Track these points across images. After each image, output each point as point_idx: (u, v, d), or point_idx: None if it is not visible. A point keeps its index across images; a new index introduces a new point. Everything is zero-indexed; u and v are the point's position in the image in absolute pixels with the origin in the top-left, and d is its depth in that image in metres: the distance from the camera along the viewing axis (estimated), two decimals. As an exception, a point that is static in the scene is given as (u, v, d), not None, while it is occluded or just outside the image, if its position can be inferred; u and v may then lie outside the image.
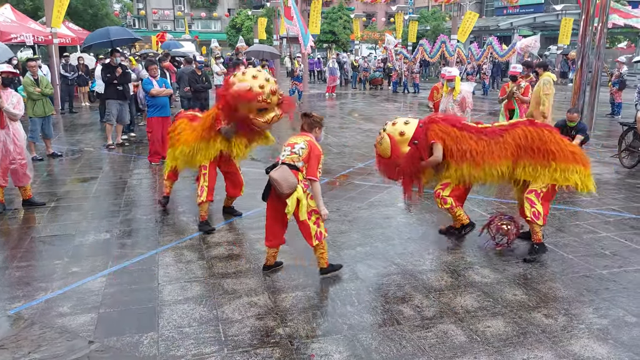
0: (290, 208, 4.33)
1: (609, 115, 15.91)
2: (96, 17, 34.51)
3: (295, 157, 4.45)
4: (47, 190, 7.52)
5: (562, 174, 4.97)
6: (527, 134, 5.05)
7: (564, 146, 5.03)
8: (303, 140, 4.58)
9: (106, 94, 10.69)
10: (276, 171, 4.32)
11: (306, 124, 4.74)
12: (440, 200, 5.45)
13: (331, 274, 4.71)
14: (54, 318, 4.01)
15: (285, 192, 4.28)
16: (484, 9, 58.01)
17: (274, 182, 4.28)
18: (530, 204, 5.10)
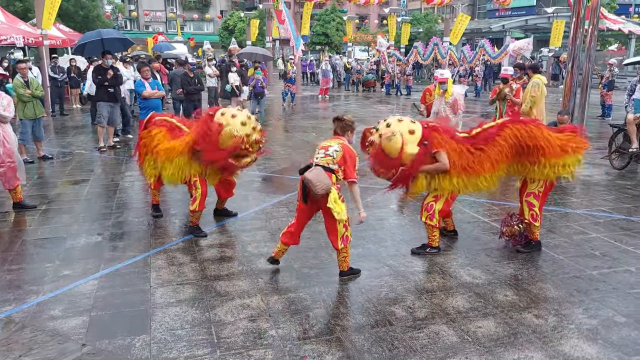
0: (337, 209, 4.39)
1: (599, 117, 16.04)
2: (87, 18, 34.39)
3: (330, 160, 4.52)
4: (38, 193, 7.48)
5: (552, 169, 5.01)
6: (517, 133, 5.04)
7: (552, 141, 5.03)
8: (337, 143, 4.65)
9: (97, 96, 10.66)
10: (310, 172, 4.37)
11: (339, 128, 4.80)
12: (429, 215, 5.23)
13: (349, 277, 4.74)
14: (45, 321, 3.99)
15: (320, 193, 4.34)
16: (476, 12, 58.33)
17: (309, 183, 4.33)
18: (529, 207, 5.23)
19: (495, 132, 5.13)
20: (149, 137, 6.06)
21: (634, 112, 8.84)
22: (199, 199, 5.75)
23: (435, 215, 5.20)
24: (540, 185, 5.18)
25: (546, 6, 38.32)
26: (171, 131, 5.99)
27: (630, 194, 7.60)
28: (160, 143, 5.84)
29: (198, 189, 5.75)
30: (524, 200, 5.27)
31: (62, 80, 16.43)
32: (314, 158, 4.62)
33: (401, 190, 5.40)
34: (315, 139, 12.12)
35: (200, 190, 5.75)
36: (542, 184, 5.17)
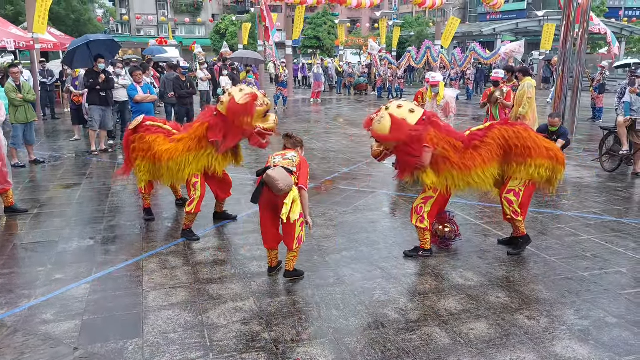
0: (286, 209, 4.39)
1: (590, 119, 16.17)
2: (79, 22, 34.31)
3: (289, 162, 4.63)
4: (30, 197, 7.44)
5: (537, 169, 5.08)
6: (504, 133, 5.10)
7: (539, 142, 5.13)
8: (291, 152, 4.85)
9: (89, 100, 10.61)
10: (272, 170, 4.39)
11: (290, 144, 5.02)
12: (419, 218, 5.23)
13: (294, 279, 4.76)
14: (38, 325, 3.97)
15: (283, 190, 4.35)
16: (467, 15, 58.67)
17: (271, 181, 4.32)
18: (508, 204, 5.25)
19: (483, 134, 5.17)
20: (142, 142, 5.99)
21: (624, 115, 8.91)
22: (197, 200, 5.74)
23: (425, 218, 5.21)
24: (521, 184, 5.20)
25: (537, 10, 38.63)
26: (168, 137, 5.97)
27: (621, 196, 7.67)
28: (160, 146, 5.81)
29: (197, 190, 5.74)
30: (503, 197, 5.26)
31: (51, 84, 16.34)
32: (271, 162, 4.67)
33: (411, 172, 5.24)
34: (308, 142, 12.14)
35: (199, 192, 5.74)
36: (523, 183, 5.19)
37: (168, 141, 5.85)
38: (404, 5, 57.55)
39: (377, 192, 7.75)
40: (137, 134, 6.12)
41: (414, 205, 5.32)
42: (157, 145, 5.84)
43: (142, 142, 6.00)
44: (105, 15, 58.12)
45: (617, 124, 8.98)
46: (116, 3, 62.05)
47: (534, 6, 44.93)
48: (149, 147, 5.90)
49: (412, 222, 5.31)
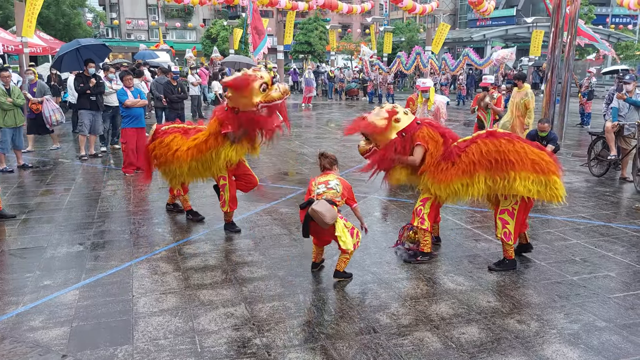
0: (345, 238, 4.59)
1: (578, 125, 16.32)
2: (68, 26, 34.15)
3: (334, 193, 4.71)
4: (18, 202, 7.37)
5: (522, 182, 4.77)
6: (482, 148, 4.93)
7: (524, 155, 4.81)
8: (334, 177, 4.90)
9: (79, 104, 10.55)
10: (317, 205, 4.49)
11: (327, 163, 5.06)
12: (420, 219, 5.22)
13: (342, 280, 4.83)
14: (26, 332, 3.92)
15: (329, 223, 4.49)
16: (457, 21, 59.10)
17: (318, 215, 4.44)
18: (502, 224, 5.03)
19: (463, 147, 5.07)
20: (161, 147, 6.11)
21: (612, 121, 9.00)
22: (227, 201, 6.00)
23: (425, 219, 5.23)
24: (514, 202, 4.95)
25: (526, 16, 39.00)
26: (186, 134, 6.07)
27: (609, 201, 7.73)
28: (182, 146, 5.90)
29: (226, 192, 5.98)
30: (498, 218, 5.06)
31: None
32: (314, 192, 4.75)
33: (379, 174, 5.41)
34: (299, 146, 12.14)
35: (227, 194, 5.99)
36: (515, 200, 4.94)
37: (186, 139, 5.94)
38: (395, 11, 57.84)
39: (369, 197, 7.76)
40: (155, 141, 6.24)
41: (414, 208, 5.36)
42: (176, 144, 5.96)
43: (162, 146, 6.12)
44: (95, 19, 57.92)
45: (605, 130, 9.07)
46: (106, 7, 61.84)
47: (523, 13, 45.39)
48: (168, 147, 6.03)
49: (414, 224, 5.32)
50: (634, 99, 8.84)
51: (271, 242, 5.89)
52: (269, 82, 5.39)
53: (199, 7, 56.40)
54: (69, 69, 12.12)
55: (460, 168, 4.97)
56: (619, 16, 49.11)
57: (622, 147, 9.03)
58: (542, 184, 4.82)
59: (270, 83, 5.40)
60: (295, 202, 7.46)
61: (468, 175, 4.95)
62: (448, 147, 5.17)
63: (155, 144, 6.23)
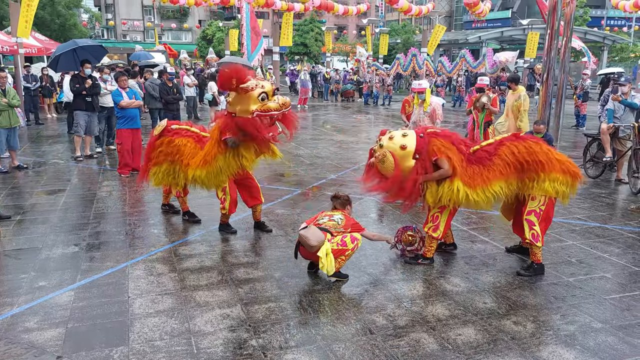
0: (324, 262, 4.63)
1: (574, 126, 16.38)
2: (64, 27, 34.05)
3: (333, 224, 4.88)
4: (13, 203, 7.34)
5: (552, 184, 4.84)
6: (513, 149, 4.94)
7: (552, 156, 4.91)
8: (340, 213, 5.08)
9: (74, 105, 10.51)
10: (304, 230, 4.72)
11: (338, 204, 5.23)
12: (433, 226, 5.17)
13: (338, 280, 4.87)
14: (20, 333, 3.90)
15: (315, 246, 4.64)
16: (453, 23, 59.25)
17: (303, 239, 4.67)
18: (529, 226, 4.99)
19: (493, 150, 5.02)
20: (170, 146, 6.04)
21: (607, 122, 9.03)
22: (228, 203, 5.96)
23: (440, 227, 5.14)
24: (542, 203, 4.95)
25: (521, 18, 39.14)
26: (199, 142, 5.96)
27: (605, 202, 7.76)
28: (193, 157, 5.81)
29: (227, 195, 5.93)
30: (525, 219, 5.01)
31: (35, 89, 16.16)
32: (316, 221, 4.91)
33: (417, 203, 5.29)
34: (295, 148, 12.14)
35: (229, 196, 5.93)
36: (543, 202, 4.94)
37: (199, 147, 5.86)
38: (391, 12, 57.94)
39: (365, 199, 7.76)
40: (163, 137, 6.14)
41: (430, 213, 5.21)
42: (187, 150, 5.90)
43: (171, 146, 6.04)
44: (90, 20, 57.74)
45: (601, 131, 9.10)
46: (102, 8, 61.70)
47: (519, 15, 45.56)
48: (177, 150, 5.98)
49: (424, 229, 5.26)
50: (629, 101, 8.87)
51: (267, 243, 5.88)
52: (270, 93, 5.34)
53: (194, 8, 56.35)
54: (64, 69, 12.09)
55: (497, 170, 4.92)
56: (614, 18, 49.38)
57: (617, 149, 9.06)
58: (567, 185, 4.93)
59: (270, 94, 5.35)
60: (291, 203, 7.45)
61: (504, 177, 4.93)
62: (463, 151, 5.08)
63: (164, 141, 6.11)
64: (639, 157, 8.22)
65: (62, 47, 12.01)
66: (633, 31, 44.66)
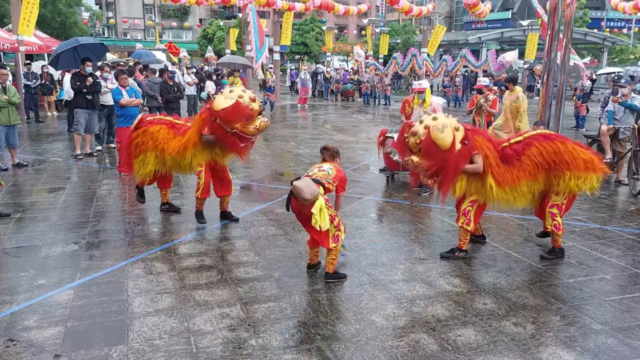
0: (317, 218, 4.49)
1: (573, 128, 16.38)
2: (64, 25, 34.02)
3: (324, 175, 4.76)
4: (13, 201, 7.33)
5: (576, 181, 5.14)
6: (542, 150, 5.14)
7: (577, 155, 5.16)
8: (330, 164, 4.97)
9: (75, 103, 10.50)
10: (299, 181, 4.53)
11: (327, 156, 5.11)
12: (466, 220, 5.34)
13: (334, 281, 4.81)
14: (19, 332, 3.89)
15: (308, 199, 4.45)
16: (453, 23, 59.26)
17: (297, 191, 4.45)
18: (552, 217, 5.36)
19: (521, 150, 5.21)
20: (145, 135, 6.26)
21: (607, 124, 9.03)
22: (202, 187, 6.17)
23: (472, 220, 5.35)
24: (564, 197, 5.32)
25: (521, 19, 39.15)
26: (173, 128, 6.26)
27: (605, 204, 7.76)
28: (170, 141, 6.10)
29: (201, 179, 6.15)
30: (547, 212, 5.37)
31: (35, 87, 16.14)
32: (308, 173, 4.82)
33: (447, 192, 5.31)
34: (295, 147, 12.13)
35: (202, 180, 6.15)
36: (566, 196, 5.31)
37: (173, 133, 6.16)
38: (391, 12, 57.94)
39: (364, 198, 7.76)
40: (138, 130, 6.37)
41: (462, 207, 5.37)
42: (161, 136, 6.16)
43: (145, 134, 6.27)
44: (91, 18, 57.67)
45: (601, 133, 9.10)
46: (103, 6, 61.65)
47: (519, 16, 45.55)
48: (151, 137, 6.20)
49: (458, 223, 5.45)
50: (629, 103, 8.88)
51: (267, 242, 5.88)
52: (255, 115, 5.74)
53: (195, 7, 56.30)
54: (65, 67, 12.06)
55: (527, 170, 5.13)
56: (613, 20, 49.38)
57: (617, 150, 9.06)
58: (592, 181, 5.22)
59: (255, 116, 5.75)
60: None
61: (532, 177, 5.17)
62: (499, 150, 5.27)
63: (139, 132, 6.35)
64: (638, 159, 8.22)
65: (63, 45, 11.98)
66: (633, 33, 44.68)
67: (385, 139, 8.77)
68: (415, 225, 6.59)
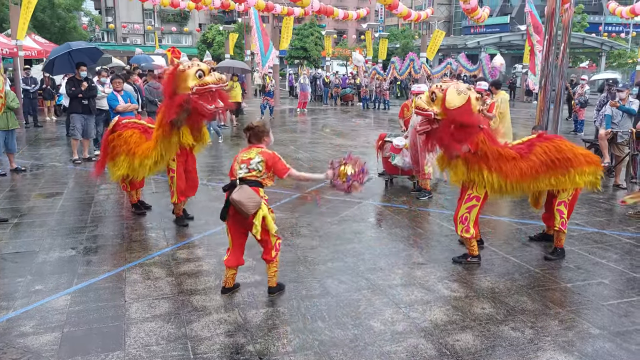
0: (258, 228, 4.29)
1: (572, 132, 16.40)
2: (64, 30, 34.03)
3: (256, 173, 4.34)
4: (10, 206, 7.32)
5: (580, 177, 5.31)
6: (545, 149, 5.28)
7: (576, 151, 5.38)
8: (256, 153, 4.40)
9: (71, 108, 10.50)
10: (237, 192, 4.19)
11: (254, 137, 4.51)
12: (464, 228, 5.34)
13: (278, 294, 4.65)
14: (16, 338, 3.88)
15: (252, 211, 4.22)
16: (452, 28, 59.43)
17: (238, 205, 4.17)
18: (559, 215, 5.51)
19: (526, 149, 5.32)
20: (119, 139, 6.38)
21: (605, 128, 9.04)
22: (175, 192, 6.35)
23: (470, 227, 5.36)
24: (570, 193, 5.48)
25: (519, 24, 39.25)
26: (145, 133, 6.37)
27: (603, 208, 7.76)
28: (139, 145, 6.20)
29: (174, 184, 6.34)
30: (556, 209, 5.52)
31: (34, 92, 16.14)
32: (236, 173, 4.37)
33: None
34: (294, 151, 12.13)
35: (175, 185, 6.33)
36: (571, 192, 5.48)
37: (144, 138, 6.27)
38: (390, 17, 58.08)
39: (363, 203, 7.75)
40: (114, 133, 6.49)
41: (458, 215, 5.41)
42: (133, 141, 6.27)
43: (119, 138, 6.40)
44: (90, 23, 57.74)
45: (599, 137, 9.12)
46: (102, 11, 61.79)
47: (517, 20, 45.65)
48: (125, 141, 6.32)
49: (457, 232, 5.47)
50: (626, 107, 8.89)
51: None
52: (206, 71, 5.76)
53: (195, 12, 56.43)
54: (61, 72, 12.07)
55: (534, 168, 5.22)
56: (611, 24, 49.49)
57: (615, 154, 9.07)
58: (594, 174, 5.43)
59: (207, 72, 5.76)
60: (290, 207, 7.44)
61: (534, 176, 5.26)
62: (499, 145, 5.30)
63: (114, 136, 6.47)
64: (636, 163, 8.23)
65: (56, 50, 12.00)
66: (631, 37, 44.78)
67: (384, 143, 8.80)
68: (414, 230, 6.59)
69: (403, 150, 8.36)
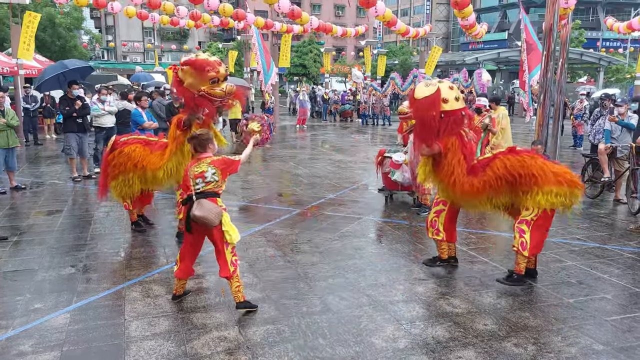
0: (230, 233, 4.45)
1: (571, 147, 16.44)
2: (64, 49, 34.30)
3: (213, 185, 4.47)
4: (10, 224, 7.30)
5: (545, 196, 4.88)
6: (506, 162, 5.03)
7: (547, 169, 4.95)
8: (207, 164, 4.46)
9: (65, 127, 10.50)
10: (197, 209, 4.32)
11: (199, 146, 4.54)
12: (434, 231, 5.53)
13: (247, 310, 4.60)
14: (15, 357, 3.84)
15: (217, 223, 4.39)
16: (450, 44, 59.90)
17: (202, 220, 4.33)
18: (519, 234, 5.05)
19: (485, 163, 5.16)
20: (122, 156, 6.31)
21: (604, 143, 9.07)
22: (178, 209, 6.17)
23: (440, 230, 5.42)
24: (535, 213, 4.99)
25: (517, 40, 39.55)
26: (147, 145, 6.32)
27: (604, 222, 7.74)
28: (147, 157, 6.14)
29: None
30: (516, 227, 5.11)
31: (34, 110, 16.20)
32: (192, 188, 4.42)
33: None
34: (294, 167, 12.14)
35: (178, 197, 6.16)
36: (535, 213, 4.98)
37: (149, 150, 6.20)
38: (388, 34, 58.57)
39: (363, 218, 7.74)
40: (114, 152, 6.43)
41: (428, 219, 5.54)
42: (138, 154, 6.20)
43: (121, 156, 6.32)
44: (91, 41, 58.22)
45: (599, 152, 9.13)
46: (102, 30, 62.31)
47: (515, 36, 46.03)
48: (128, 157, 6.24)
49: (429, 235, 5.55)
50: (625, 122, 8.92)
51: (265, 264, 5.84)
52: (221, 79, 5.59)
53: (194, 30, 56.90)
54: (50, 88, 12.17)
55: (487, 182, 5.02)
56: (609, 40, 49.90)
57: (615, 169, 9.07)
58: (565, 195, 4.93)
59: (221, 80, 5.60)
60: (290, 223, 7.42)
61: (494, 189, 5.05)
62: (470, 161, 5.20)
63: (115, 154, 6.40)
64: (636, 177, 8.23)
65: (50, 70, 12.12)
66: (628, 52, 45.11)
67: (384, 158, 8.81)
68: (415, 246, 6.57)
69: (403, 166, 8.37)
